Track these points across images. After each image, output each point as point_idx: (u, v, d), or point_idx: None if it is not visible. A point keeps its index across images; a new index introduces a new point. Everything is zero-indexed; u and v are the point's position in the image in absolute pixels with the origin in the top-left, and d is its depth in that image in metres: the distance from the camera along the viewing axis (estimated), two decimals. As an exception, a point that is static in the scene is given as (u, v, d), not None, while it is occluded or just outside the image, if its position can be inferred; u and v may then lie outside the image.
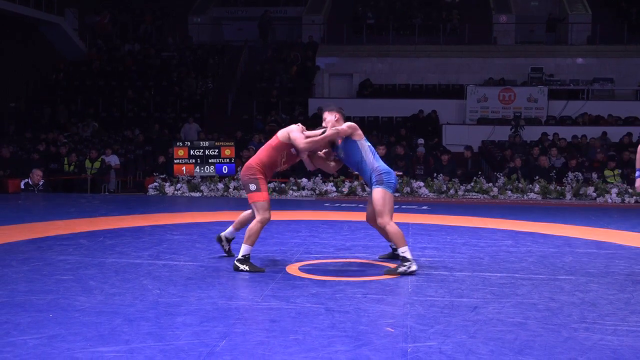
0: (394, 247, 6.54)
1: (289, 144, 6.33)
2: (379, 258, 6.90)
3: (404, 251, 6.15)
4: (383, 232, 6.48)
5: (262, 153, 6.41)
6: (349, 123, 6.42)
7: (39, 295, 5.11)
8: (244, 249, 6.19)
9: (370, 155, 6.35)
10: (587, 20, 25.38)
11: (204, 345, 3.99)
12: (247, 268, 6.12)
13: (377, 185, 6.25)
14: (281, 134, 6.37)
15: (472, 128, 21.03)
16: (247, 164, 6.46)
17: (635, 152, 8.11)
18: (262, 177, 6.29)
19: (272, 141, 6.41)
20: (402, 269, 6.09)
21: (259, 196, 6.23)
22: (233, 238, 6.86)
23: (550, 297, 5.34)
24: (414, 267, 6.11)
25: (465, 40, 25.57)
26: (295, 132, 6.31)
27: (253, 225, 6.24)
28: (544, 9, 27.34)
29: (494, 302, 5.18)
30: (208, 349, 3.92)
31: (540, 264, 6.78)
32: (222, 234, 6.85)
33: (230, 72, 24.71)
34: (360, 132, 6.39)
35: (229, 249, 6.87)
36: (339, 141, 6.46)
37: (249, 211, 6.52)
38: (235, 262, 6.21)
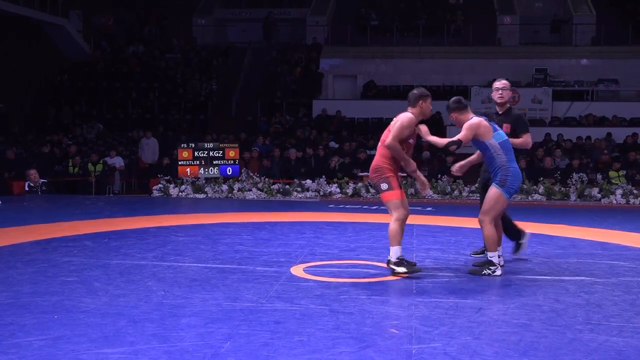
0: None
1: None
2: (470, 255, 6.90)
3: (492, 256, 6.18)
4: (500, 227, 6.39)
5: (381, 149, 6.22)
6: (466, 128, 6.14)
7: (43, 297, 5.12)
8: (393, 252, 6.06)
9: (502, 155, 6.17)
10: (592, 21, 25.34)
11: (209, 346, 3.99)
12: (404, 270, 6.02)
13: (497, 186, 6.16)
14: (392, 128, 6.12)
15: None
16: (372, 165, 6.26)
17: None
18: (392, 174, 6.13)
19: (385, 135, 6.21)
20: (486, 271, 6.15)
21: (391, 195, 6.12)
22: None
23: (555, 298, 5.33)
24: (498, 272, 6.14)
25: (469, 42, 25.54)
26: (396, 127, 6.06)
27: (391, 225, 6.07)
28: (548, 10, 27.30)
29: (498, 303, 5.18)
30: (212, 350, 3.92)
31: (545, 265, 6.77)
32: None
33: (234, 73, 24.72)
34: (482, 131, 6.14)
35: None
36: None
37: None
38: (391, 266, 6.08)
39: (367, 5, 27.69)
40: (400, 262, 6.06)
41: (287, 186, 14.32)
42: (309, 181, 14.37)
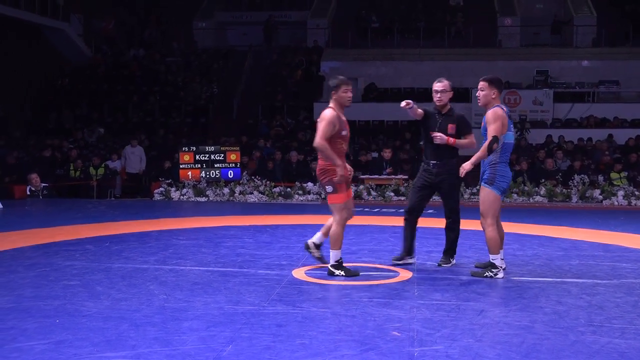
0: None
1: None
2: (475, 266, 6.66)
3: (495, 258, 6.15)
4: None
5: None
6: (496, 120, 6.03)
7: (45, 301, 5.12)
8: (332, 256, 6.17)
9: (499, 153, 6.09)
10: (592, 23, 25.33)
11: (211, 350, 3.99)
12: (342, 273, 6.10)
13: (487, 185, 6.12)
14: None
15: (478, 131, 20.90)
16: (318, 167, 6.27)
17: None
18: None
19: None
20: (488, 274, 6.12)
21: (334, 198, 6.16)
22: (321, 244, 6.65)
23: (557, 300, 5.33)
24: (500, 275, 6.11)
25: (470, 43, 25.54)
26: (320, 127, 6.09)
27: (333, 228, 6.18)
28: (549, 11, 27.30)
29: (500, 305, 5.18)
30: (215, 353, 3.92)
31: (546, 267, 6.77)
32: (309, 241, 6.62)
33: (235, 76, 24.73)
34: (504, 124, 6.06)
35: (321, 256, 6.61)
36: (482, 123, 6.15)
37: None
38: (329, 267, 6.18)
39: (367, 8, 27.69)
40: (338, 265, 6.12)
41: (289, 189, 14.32)
42: (310, 184, 14.38)
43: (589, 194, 13.74)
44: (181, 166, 15.06)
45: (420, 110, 6.65)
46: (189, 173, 14.97)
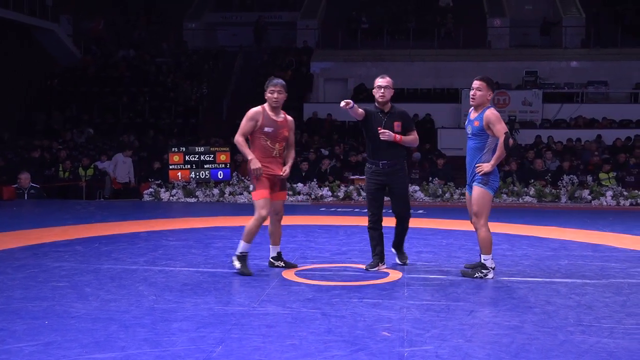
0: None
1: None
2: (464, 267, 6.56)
3: (486, 259, 6.13)
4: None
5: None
6: (498, 120, 6.01)
7: (34, 302, 5.09)
8: (240, 246, 6.26)
9: (490, 154, 6.07)
10: (581, 24, 25.46)
11: (201, 351, 3.98)
12: (239, 266, 6.20)
13: (481, 185, 6.06)
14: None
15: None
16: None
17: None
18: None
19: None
20: (479, 275, 6.11)
21: (255, 195, 6.26)
22: (279, 253, 6.68)
23: (547, 300, 5.34)
24: (490, 276, 6.10)
25: (459, 44, 25.60)
26: (242, 122, 6.33)
27: (250, 222, 6.24)
28: (538, 12, 27.39)
29: (490, 305, 5.19)
30: (204, 354, 3.91)
31: (536, 267, 6.79)
32: (270, 258, 6.68)
33: (225, 77, 24.69)
34: (503, 122, 6.08)
35: (285, 262, 6.66)
36: (476, 123, 6.07)
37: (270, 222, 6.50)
38: (233, 256, 6.30)
39: (357, 9, 27.72)
40: (241, 257, 6.20)
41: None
42: (300, 184, 14.37)
43: (578, 194, 13.79)
44: (171, 167, 15.02)
45: (360, 110, 6.53)
46: (179, 174, 14.93)
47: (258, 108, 6.40)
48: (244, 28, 27.53)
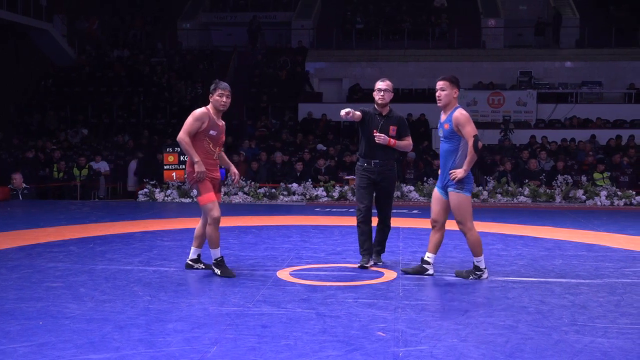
0: (427, 261, 6.30)
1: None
2: (402, 270, 6.48)
3: (479, 260, 6.10)
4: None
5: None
6: (468, 122, 5.93)
7: (28, 303, 5.08)
8: (213, 254, 6.23)
9: (463, 157, 5.98)
10: (576, 24, 25.51)
11: (195, 351, 3.98)
12: (218, 272, 6.15)
13: (458, 190, 5.97)
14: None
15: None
16: (187, 165, 6.36)
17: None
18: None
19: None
20: (473, 276, 6.08)
21: (202, 199, 6.24)
22: (200, 255, 6.65)
23: (541, 300, 5.35)
24: (484, 276, 6.09)
25: (454, 45, 25.65)
26: (186, 121, 6.18)
27: (207, 230, 6.25)
28: (533, 12, 27.44)
29: (484, 305, 5.20)
30: (199, 355, 3.91)
31: (530, 267, 6.81)
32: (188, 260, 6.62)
33: (220, 77, 24.63)
34: (472, 122, 5.99)
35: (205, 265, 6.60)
36: (446, 126, 6.04)
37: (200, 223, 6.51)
38: (212, 265, 6.27)
39: (352, 9, 27.75)
40: (218, 263, 6.16)
41: (274, 190, 14.30)
42: (295, 185, 14.37)
43: (572, 194, 13.82)
44: (165, 167, 15.00)
45: (358, 113, 6.71)
46: (174, 174, 14.92)
47: (204, 109, 6.26)
48: (238, 28, 27.52)
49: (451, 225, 8.74)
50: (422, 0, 27.75)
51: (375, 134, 6.67)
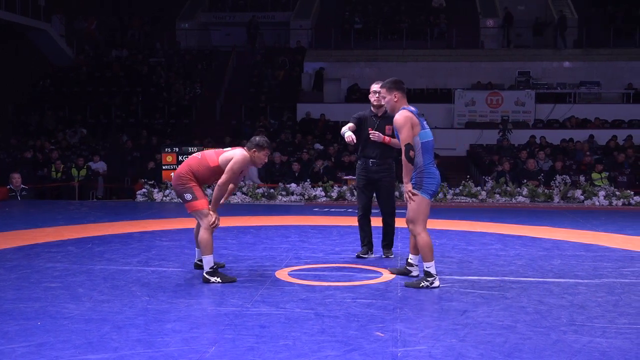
0: (411, 263, 6.23)
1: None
2: (389, 270, 6.45)
3: (429, 266, 5.79)
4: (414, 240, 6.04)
5: (192, 161, 6.23)
6: (404, 124, 5.68)
7: (27, 303, 5.08)
8: (206, 262, 5.96)
9: (420, 155, 5.74)
10: (574, 24, 25.54)
11: (194, 351, 3.98)
12: (218, 280, 5.90)
13: (415, 189, 5.75)
14: (223, 159, 6.11)
15: (460, 132, 21.12)
16: (176, 173, 6.25)
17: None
18: (195, 184, 6.14)
19: (211, 161, 6.17)
20: (424, 283, 5.76)
21: (197, 204, 6.12)
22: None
23: (539, 300, 5.36)
24: (436, 283, 5.77)
25: (452, 45, 25.67)
26: (230, 165, 6.02)
27: (202, 234, 6.04)
28: (531, 13, 27.46)
29: (483, 305, 5.20)
30: (198, 355, 3.91)
31: (528, 267, 6.81)
32: (196, 260, 6.56)
33: (218, 77, 24.68)
34: (410, 127, 5.69)
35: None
36: (391, 128, 6.05)
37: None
38: (204, 275, 5.96)
39: (350, 9, 27.76)
40: (214, 271, 5.95)
41: (272, 190, 14.30)
42: (293, 185, 14.36)
43: (571, 194, 13.81)
44: (164, 167, 14.98)
45: (351, 124, 7.13)
46: (172, 174, 14.87)
47: (247, 156, 6.06)
48: (237, 28, 27.55)
49: (449, 225, 8.75)
50: (421, 0, 27.76)
51: (370, 132, 6.97)
